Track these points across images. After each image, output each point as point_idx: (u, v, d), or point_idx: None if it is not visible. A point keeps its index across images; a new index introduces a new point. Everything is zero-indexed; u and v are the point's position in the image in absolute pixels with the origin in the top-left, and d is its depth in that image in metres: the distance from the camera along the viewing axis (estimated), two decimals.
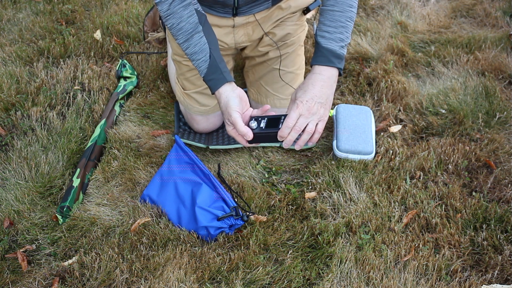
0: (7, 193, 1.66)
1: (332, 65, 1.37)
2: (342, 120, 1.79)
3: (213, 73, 1.42)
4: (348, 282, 1.41)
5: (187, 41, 1.42)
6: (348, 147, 1.71)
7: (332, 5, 1.39)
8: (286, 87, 1.77)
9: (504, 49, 2.22)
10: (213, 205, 1.53)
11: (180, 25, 1.40)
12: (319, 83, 1.36)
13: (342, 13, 1.39)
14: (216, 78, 1.41)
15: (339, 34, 1.39)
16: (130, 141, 1.84)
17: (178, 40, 1.43)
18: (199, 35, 1.42)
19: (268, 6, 1.64)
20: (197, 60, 1.42)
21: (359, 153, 1.71)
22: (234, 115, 1.35)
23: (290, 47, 1.75)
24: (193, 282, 1.41)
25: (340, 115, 1.82)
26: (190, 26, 1.41)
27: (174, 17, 1.39)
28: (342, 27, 1.39)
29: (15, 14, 2.49)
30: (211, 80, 1.42)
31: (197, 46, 1.42)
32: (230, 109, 1.37)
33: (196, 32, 1.42)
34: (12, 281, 1.44)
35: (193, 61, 1.44)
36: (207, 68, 1.42)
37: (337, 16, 1.39)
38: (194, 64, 1.44)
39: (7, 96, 1.99)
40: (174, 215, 1.57)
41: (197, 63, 1.43)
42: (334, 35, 1.39)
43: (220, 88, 1.40)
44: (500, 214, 1.55)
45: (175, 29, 1.41)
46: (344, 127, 1.75)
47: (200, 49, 1.42)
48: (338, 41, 1.38)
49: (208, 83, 1.43)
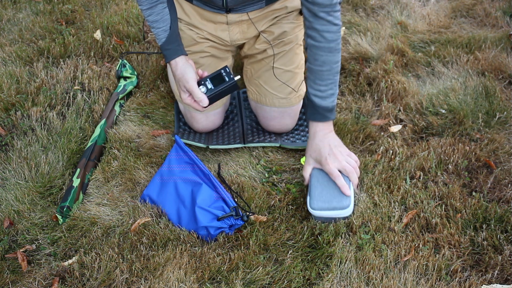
0: (7, 193, 1.66)
1: (327, 120, 1.56)
2: (316, 172, 1.58)
3: (171, 43, 1.54)
4: (348, 282, 1.41)
5: (150, 9, 1.52)
6: (321, 204, 1.51)
7: (320, 65, 1.51)
8: (284, 86, 1.77)
9: (504, 49, 2.22)
10: (213, 205, 1.53)
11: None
12: (324, 138, 1.56)
13: (330, 71, 1.51)
14: (174, 49, 1.54)
15: (330, 90, 1.53)
16: (130, 141, 1.84)
17: (142, 6, 1.54)
18: (163, 5, 1.53)
19: (262, 6, 1.65)
20: (158, 28, 1.54)
21: (334, 209, 1.50)
22: (191, 82, 1.49)
23: (287, 45, 1.75)
24: (193, 282, 1.41)
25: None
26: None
27: None
28: (332, 83, 1.53)
29: (15, 14, 2.49)
30: (169, 50, 1.54)
31: (159, 15, 1.53)
32: (187, 76, 1.50)
33: (161, 2, 1.53)
34: (12, 281, 1.44)
35: (153, 29, 1.56)
36: (166, 37, 1.54)
37: (325, 75, 1.51)
38: (154, 31, 1.56)
39: (7, 96, 1.99)
40: (174, 215, 1.57)
41: (157, 31, 1.55)
42: (326, 92, 1.53)
43: (177, 58, 1.53)
44: (500, 214, 1.55)
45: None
46: (317, 180, 1.56)
47: (161, 18, 1.53)
48: (330, 97, 1.54)
49: (164, 52, 1.54)
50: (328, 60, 1.50)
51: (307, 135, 1.83)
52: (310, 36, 1.50)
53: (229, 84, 1.51)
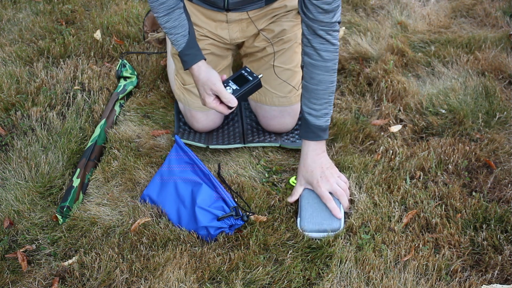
0: (7, 193, 1.66)
1: (320, 139, 1.56)
2: (306, 193, 1.59)
3: (191, 48, 1.52)
4: (348, 282, 1.41)
5: (167, 15, 1.50)
6: (312, 226, 1.52)
7: (316, 84, 1.51)
8: (284, 84, 1.77)
9: (504, 49, 2.22)
10: (213, 205, 1.53)
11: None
12: (316, 157, 1.57)
13: (325, 91, 1.52)
14: (194, 53, 1.52)
15: (324, 109, 1.54)
16: (130, 141, 1.84)
17: (159, 13, 1.50)
18: (180, 11, 1.51)
19: (262, 5, 1.65)
20: (176, 34, 1.52)
21: (325, 231, 1.51)
22: (218, 84, 1.47)
23: (287, 44, 1.76)
24: (193, 282, 1.41)
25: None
26: (172, 2, 1.49)
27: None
28: (326, 103, 1.54)
29: (15, 14, 2.49)
30: (189, 55, 1.52)
31: (177, 20, 1.51)
32: (213, 79, 1.48)
33: (178, 7, 1.50)
34: (12, 281, 1.44)
35: (171, 35, 1.52)
36: (185, 42, 1.51)
37: (321, 94, 1.52)
38: (171, 37, 1.52)
39: (7, 96, 1.99)
40: (174, 215, 1.57)
41: (176, 37, 1.52)
42: (320, 111, 1.54)
43: (199, 62, 1.52)
44: (500, 214, 1.55)
45: (158, 2, 1.48)
46: (307, 201, 1.57)
47: (180, 24, 1.51)
48: (324, 116, 1.55)
49: (184, 57, 1.52)
50: (324, 80, 1.51)
51: None
52: (307, 54, 1.50)
53: (253, 82, 1.52)
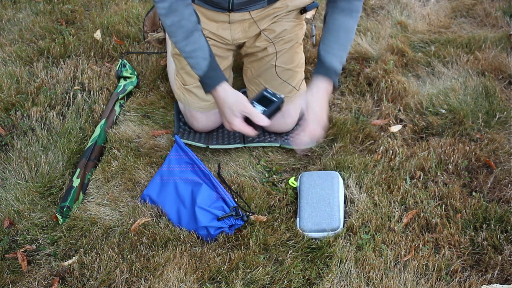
0: (7, 193, 1.66)
1: (330, 79, 1.49)
2: (305, 193, 1.59)
3: (213, 70, 1.47)
4: (348, 282, 1.41)
5: (186, 39, 1.45)
6: (311, 226, 1.52)
7: (337, 27, 1.50)
8: (285, 84, 1.77)
9: (504, 49, 2.22)
10: (213, 205, 1.53)
11: (182, 22, 1.43)
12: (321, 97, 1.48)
13: (345, 36, 1.51)
14: (217, 76, 1.48)
15: (341, 52, 1.51)
16: (130, 141, 1.84)
17: (177, 37, 1.45)
18: (199, 33, 1.46)
19: (264, 5, 1.65)
20: (196, 57, 1.46)
21: (324, 231, 1.51)
22: (248, 106, 1.43)
23: (288, 44, 1.76)
24: (193, 282, 1.41)
25: (303, 186, 1.62)
26: (191, 25, 1.44)
27: (175, 14, 1.42)
28: (344, 48, 1.52)
29: (15, 14, 2.49)
30: (212, 77, 1.47)
31: (196, 43, 1.46)
32: (243, 100, 1.44)
33: (196, 30, 1.46)
34: (12, 281, 1.44)
35: (190, 59, 1.47)
36: (207, 65, 1.47)
37: (341, 37, 1.50)
38: (192, 61, 1.47)
39: (7, 96, 1.99)
40: (174, 215, 1.57)
41: (196, 60, 1.47)
42: (337, 53, 1.50)
43: (223, 83, 1.47)
44: (500, 214, 1.55)
45: (175, 26, 1.44)
46: (307, 201, 1.57)
47: (199, 46, 1.46)
48: (339, 59, 1.51)
49: (207, 80, 1.48)
50: (346, 24, 1.50)
51: None
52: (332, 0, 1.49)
53: (278, 103, 1.50)
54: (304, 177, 1.65)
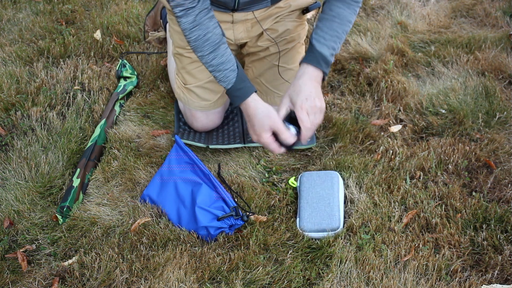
0: (7, 193, 1.66)
1: (319, 68, 1.46)
2: (305, 193, 1.60)
3: (242, 82, 1.44)
4: (348, 282, 1.41)
5: (213, 52, 1.42)
6: (311, 226, 1.52)
7: (333, 16, 1.46)
8: (286, 84, 1.77)
9: (504, 49, 2.22)
10: (213, 205, 1.53)
11: (207, 36, 1.40)
12: (309, 82, 1.45)
13: (340, 25, 1.46)
14: (246, 86, 1.45)
15: (333, 43, 1.47)
16: (130, 141, 1.84)
17: (203, 51, 1.41)
18: (225, 45, 1.43)
19: (267, 5, 1.65)
20: (225, 70, 1.43)
21: (324, 231, 1.52)
22: (280, 122, 1.42)
23: (290, 44, 1.76)
24: (193, 282, 1.41)
25: (303, 186, 1.62)
26: (217, 37, 1.41)
27: (200, 28, 1.39)
28: (337, 37, 1.47)
29: (15, 14, 2.49)
30: (241, 89, 1.44)
31: (224, 56, 1.43)
32: (274, 116, 1.42)
33: (222, 42, 1.43)
34: (12, 281, 1.44)
35: (218, 72, 1.43)
36: (236, 77, 1.43)
37: (335, 26, 1.46)
38: (220, 75, 1.43)
39: (7, 96, 1.99)
40: (174, 215, 1.57)
41: (225, 73, 1.43)
42: (329, 42, 1.46)
43: (253, 95, 1.45)
44: (500, 214, 1.55)
45: (201, 40, 1.40)
46: (306, 201, 1.57)
47: (227, 59, 1.43)
48: (330, 49, 1.47)
49: (236, 93, 1.44)
50: (343, 14, 1.46)
51: None
52: None
53: None
54: (304, 177, 1.65)
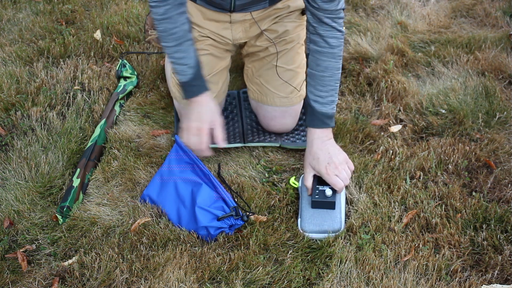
0: (7, 193, 1.66)
1: (327, 127, 1.55)
2: (306, 194, 1.59)
3: (198, 79, 1.53)
4: (348, 282, 1.41)
5: (177, 46, 1.49)
6: (312, 227, 1.52)
7: (322, 71, 1.51)
8: (286, 85, 1.77)
9: (504, 49, 2.22)
10: (213, 205, 1.53)
11: (174, 30, 1.47)
12: (322, 145, 1.54)
13: (331, 78, 1.52)
14: (200, 85, 1.53)
15: (331, 97, 1.53)
16: (130, 141, 1.84)
17: (168, 43, 1.49)
18: (190, 42, 1.50)
19: (265, 6, 1.65)
20: (184, 64, 1.51)
21: (325, 232, 1.52)
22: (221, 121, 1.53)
23: (289, 44, 1.76)
24: (193, 282, 1.41)
25: (304, 187, 1.61)
26: (183, 33, 1.48)
27: (169, 21, 1.46)
28: (332, 90, 1.53)
29: (15, 14, 2.49)
30: (195, 86, 1.53)
31: (185, 52, 1.50)
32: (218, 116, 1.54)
33: (188, 39, 1.50)
34: (12, 281, 1.44)
35: (178, 65, 1.51)
36: (193, 74, 1.51)
37: (327, 81, 1.52)
38: (178, 68, 1.52)
39: (7, 96, 1.99)
40: (174, 215, 1.57)
41: (183, 67, 1.51)
42: (326, 99, 1.53)
43: (206, 92, 1.54)
44: (500, 214, 1.55)
45: (168, 33, 1.47)
46: (308, 202, 1.57)
47: (188, 55, 1.50)
48: (330, 104, 1.54)
49: (190, 88, 1.53)
50: (330, 66, 1.51)
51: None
52: (313, 41, 1.51)
53: None
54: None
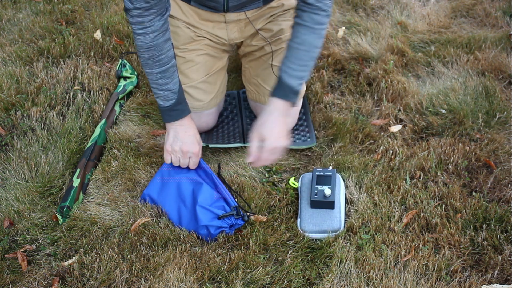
0: (7, 193, 1.66)
1: (288, 100, 1.49)
2: (306, 194, 1.60)
3: (180, 104, 1.55)
4: (348, 282, 1.41)
5: (162, 72, 1.50)
6: (312, 226, 1.52)
7: (299, 43, 1.47)
8: None
9: (504, 49, 2.22)
10: (214, 205, 1.53)
11: (160, 57, 1.47)
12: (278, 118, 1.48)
13: (306, 53, 1.47)
14: (183, 109, 1.56)
15: (301, 72, 1.48)
16: (130, 141, 1.84)
17: (153, 69, 1.49)
18: (174, 68, 1.52)
19: (259, 6, 1.65)
20: (168, 90, 1.52)
21: (325, 232, 1.52)
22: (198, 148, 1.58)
23: (285, 43, 1.75)
24: (193, 282, 1.41)
25: (304, 187, 1.62)
26: (168, 59, 1.49)
27: (155, 49, 1.46)
28: (305, 66, 1.48)
29: (15, 14, 2.49)
30: (177, 110, 1.55)
31: (170, 78, 1.51)
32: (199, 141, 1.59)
33: (172, 65, 1.51)
34: (12, 281, 1.44)
35: (161, 91, 1.52)
36: (175, 99, 1.53)
37: (301, 54, 1.47)
38: (162, 93, 1.53)
39: (7, 96, 1.99)
40: (175, 215, 1.57)
41: (166, 93, 1.53)
42: (296, 72, 1.48)
43: (188, 116, 1.57)
44: (500, 214, 1.55)
45: (154, 60, 1.47)
46: (307, 202, 1.57)
47: (172, 81, 1.52)
48: (299, 79, 1.49)
49: (171, 112, 1.55)
50: (308, 41, 1.46)
51: (307, 135, 1.83)
52: (298, 15, 1.46)
53: None
54: (305, 178, 1.65)
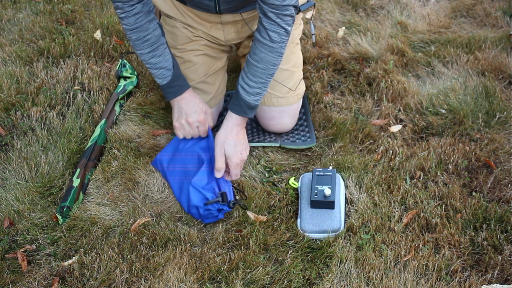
0: (7, 193, 1.66)
1: (244, 115, 1.57)
2: (306, 194, 1.60)
3: (177, 80, 1.58)
4: (348, 282, 1.41)
5: (152, 51, 1.53)
6: (312, 226, 1.52)
7: (257, 61, 1.50)
8: (280, 85, 1.77)
9: (504, 49, 2.22)
10: (206, 187, 1.55)
11: (147, 37, 1.50)
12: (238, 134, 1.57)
13: (264, 71, 1.51)
14: (181, 84, 1.59)
15: (258, 89, 1.53)
16: (130, 140, 1.84)
17: (143, 50, 1.52)
18: (164, 46, 1.55)
19: (255, 7, 1.65)
20: (162, 68, 1.55)
21: (325, 232, 1.52)
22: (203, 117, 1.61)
23: None
24: (193, 282, 1.41)
25: (304, 187, 1.62)
26: (156, 38, 1.52)
27: (141, 30, 1.49)
28: (262, 83, 1.53)
29: (15, 14, 2.49)
30: (176, 86, 1.58)
31: (161, 56, 1.54)
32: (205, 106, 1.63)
33: (161, 43, 1.54)
34: (12, 281, 1.44)
35: (155, 70, 1.56)
36: (171, 75, 1.56)
37: (259, 72, 1.51)
38: (157, 72, 1.56)
39: (7, 96, 1.99)
40: (177, 188, 1.62)
41: (161, 71, 1.56)
42: (253, 89, 1.53)
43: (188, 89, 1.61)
44: (500, 214, 1.55)
45: (141, 40, 1.51)
46: (307, 202, 1.57)
47: (164, 59, 1.54)
48: (256, 95, 1.54)
49: (170, 89, 1.58)
50: (266, 59, 1.48)
51: (307, 135, 1.83)
52: (258, 29, 1.47)
53: None
54: (305, 178, 1.65)
